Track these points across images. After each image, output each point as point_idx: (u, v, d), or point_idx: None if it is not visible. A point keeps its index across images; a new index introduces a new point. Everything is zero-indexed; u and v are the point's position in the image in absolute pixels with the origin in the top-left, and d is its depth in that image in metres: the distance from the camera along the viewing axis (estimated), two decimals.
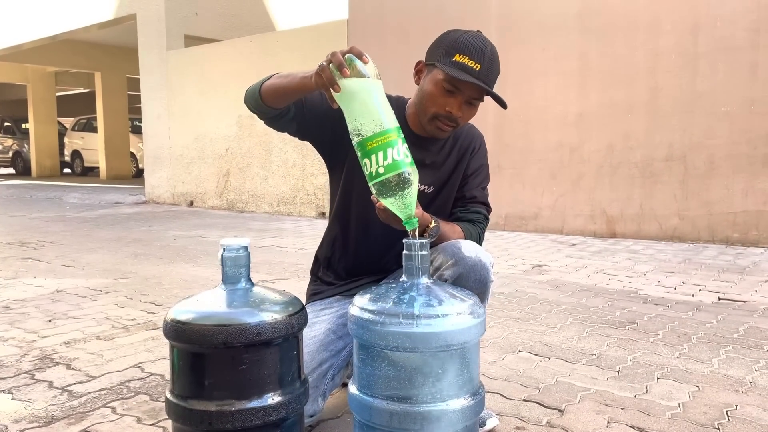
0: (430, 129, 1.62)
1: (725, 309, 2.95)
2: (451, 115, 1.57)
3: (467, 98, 1.56)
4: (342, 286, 1.80)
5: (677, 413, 1.75)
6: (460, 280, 1.48)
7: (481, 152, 1.78)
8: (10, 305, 3.03)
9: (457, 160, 1.74)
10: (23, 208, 8.56)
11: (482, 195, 1.76)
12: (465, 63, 1.52)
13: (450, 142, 1.74)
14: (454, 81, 1.54)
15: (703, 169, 4.96)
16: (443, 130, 1.60)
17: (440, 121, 1.59)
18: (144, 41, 9.32)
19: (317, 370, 1.54)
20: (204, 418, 1.16)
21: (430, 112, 1.59)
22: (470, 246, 1.52)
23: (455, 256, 1.49)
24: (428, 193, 1.70)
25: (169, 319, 1.21)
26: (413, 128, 1.69)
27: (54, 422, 1.69)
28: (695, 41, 4.93)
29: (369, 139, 1.29)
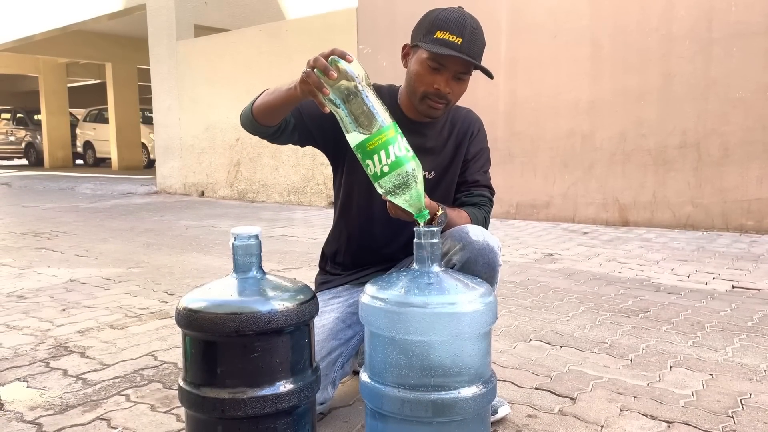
0: (422, 109, 1.62)
1: (739, 297, 2.92)
2: (439, 92, 1.57)
3: (453, 73, 1.56)
4: (350, 275, 1.81)
5: (690, 401, 1.74)
6: (468, 264, 1.48)
7: (480, 136, 1.78)
8: (24, 295, 3.06)
9: (456, 145, 1.74)
10: (36, 198, 8.63)
11: (484, 178, 1.76)
12: (446, 38, 1.52)
13: (448, 127, 1.75)
14: (437, 57, 1.54)
15: (717, 156, 4.90)
16: (435, 108, 1.60)
17: (430, 99, 1.59)
18: (154, 32, 9.33)
19: (327, 358, 1.55)
20: (216, 406, 1.17)
21: (419, 92, 1.59)
22: (477, 230, 1.52)
23: (463, 241, 1.49)
24: (430, 179, 1.70)
25: (181, 307, 1.21)
26: (408, 114, 1.70)
27: (69, 410, 1.70)
28: (709, 26, 4.86)
29: (368, 140, 1.29)
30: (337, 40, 7.13)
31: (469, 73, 1.58)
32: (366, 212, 1.72)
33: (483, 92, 5.96)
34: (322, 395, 1.52)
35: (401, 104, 1.72)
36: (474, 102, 6.75)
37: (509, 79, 5.85)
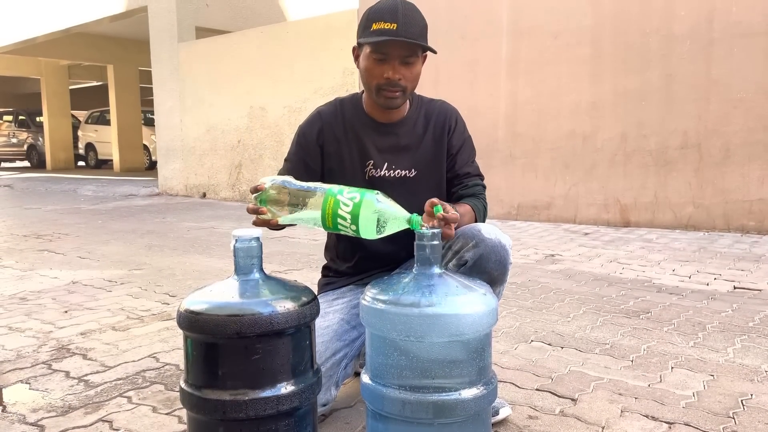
0: (381, 102, 1.64)
1: (740, 298, 2.92)
2: (390, 81, 1.59)
3: (399, 59, 1.58)
4: (354, 276, 1.82)
5: (691, 402, 1.74)
6: (480, 261, 1.51)
7: (459, 128, 1.79)
8: (27, 296, 3.07)
9: (435, 139, 1.75)
10: (39, 200, 8.65)
11: (474, 168, 1.78)
12: (381, 28, 1.55)
13: (422, 121, 1.76)
14: (377, 47, 1.57)
15: (718, 156, 4.90)
16: (392, 97, 1.62)
17: (385, 90, 1.61)
18: (155, 33, 9.34)
19: (331, 359, 1.55)
20: (218, 407, 1.18)
21: (373, 86, 1.62)
22: (490, 228, 1.55)
23: (476, 238, 1.52)
24: (411, 177, 1.73)
25: (182, 309, 1.22)
26: (376, 117, 1.73)
27: (71, 411, 1.71)
28: (710, 27, 4.85)
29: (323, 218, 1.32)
30: (338, 41, 7.15)
31: (414, 55, 1.59)
32: None
33: (484, 94, 5.97)
34: (324, 396, 1.52)
35: (367, 109, 1.75)
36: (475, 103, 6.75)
37: (510, 80, 5.86)
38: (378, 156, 1.72)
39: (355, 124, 1.75)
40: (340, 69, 7.15)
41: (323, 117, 1.77)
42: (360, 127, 1.74)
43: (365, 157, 1.73)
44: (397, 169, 1.73)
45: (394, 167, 1.73)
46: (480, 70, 5.97)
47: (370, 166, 1.72)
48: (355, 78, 7.01)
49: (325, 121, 1.76)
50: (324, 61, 7.33)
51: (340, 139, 1.74)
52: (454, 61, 6.03)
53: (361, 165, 1.72)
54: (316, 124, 1.76)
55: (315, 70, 7.41)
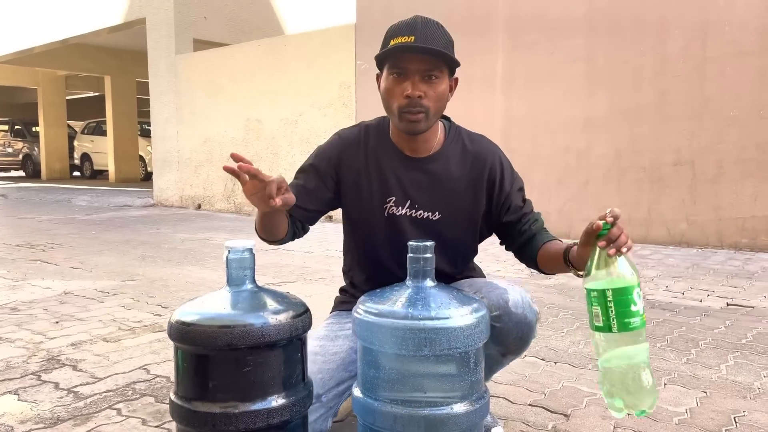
0: (404, 127, 1.50)
1: (733, 314, 2.93)
2: (411, 100, 1.45)
3: (419, 74, 1.45)
4: None
5: (684, 419, 1.73)
6: (500, 334, 1.42)
7: (506, 176, 1.61)
8: (18, 307, 3.05)
9: (470, 183, 1.58)
10: (33, 210, 8.62)
11: (529, 205, 1.64)
12: (399, 42, 1.44)
13: (457, 159, 1.59)
14: (395, 62, 1.46)
15: (711, 174, 4.93)
16: (414, 120, 1.47)
17: (406, 112, 1.47)
18: (153, 45, 9.38)
19: (334, 389, 1.48)
20: (208, 420, 1.16)
21: (395, 109, 1.49)
22: (518, 297, 1.45)
23: (501, 309, 1.42)
24: (434, 220, 1.58)
25: (173, 320, 1.21)
26: (402, 149, 1.59)
27: (59, 423, 1.69)
28: (704, 45, 4.90)
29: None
30: (336, 55, 7.18)
31: (437, 69, 1.47)
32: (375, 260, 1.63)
33: (479, 109, 6.00)
34: (320, 425, 1.45)
35: (393, 138, 1.60)
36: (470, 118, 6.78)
37: (505, 95, 5.89)
38: (400, 193, 1.57)
39: (378, 153, 1.59)
40: (337, 82, 7.18)
41: (344, 142, 1.63)
42: (384, 158, 1.59)
43: (386, 193, 1.58)
44: (419, 210, 1.58)
45: (417, 207, 1.58)
46: (475, 86, 6.00)
47: (391, 203, 1.58)
48: (351, 91, 7.04)
49: (345, 146, 1.62)
50: (321, 74, 7.37)
51: (359, 168, 1.59)
52: None
53: (381, 200, 1.58)
54: (337, 149, 1.62)
55: (312, 84, 7.44)
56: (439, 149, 1.59)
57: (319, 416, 1.44)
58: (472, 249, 1.69)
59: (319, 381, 1.44)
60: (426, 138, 1.57)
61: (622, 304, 1.25)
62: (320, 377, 1.45)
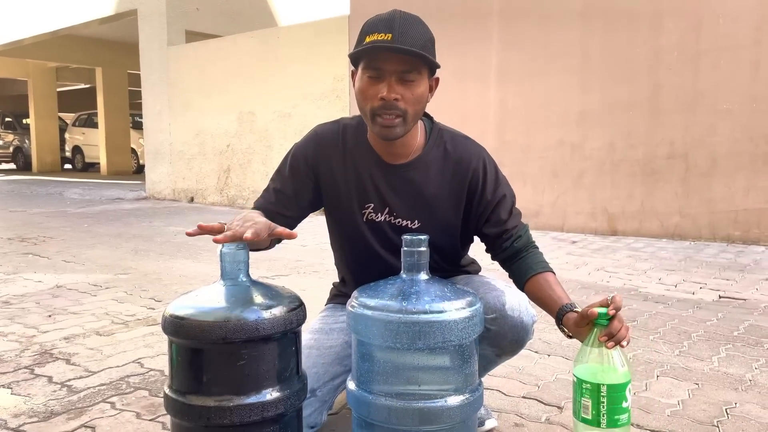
0: (379, 131, 1.39)
1: (726, 307, 2.94)
2: (386, 102, 1.35)
3: (395, 75, 1.35)
4: None
5: (677, 411, 1.75)
6: (496, 337, 1.41)
7: (489, 180, 1.52)
8: (10, 300, 3.03)
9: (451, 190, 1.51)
10: (24, 203, 8.56)
11: (516, 215, 1.57)
12: (374, 39, 1.32)
13: (438, 165, 1.50)
14: (370, 61, 1.36)
15: (704, 167, 4.95)
16: (390, 125, 1.37)
17: (380, 116, 1.37)
18: (145, 37, 9.31)
19: (329, 383, 1.47)
20: (202, 414, 1.16)
21: (368, 112, 1.39)
22: (515, 300, 1.42)
23: (497, 312, 1.40)
24: (413, 229, 1.51)
25: (167, 314, 1.20)
26: (381, 154, 1.50)
27: (53, 417, 1.69)
28: (697, 38, 4.91)
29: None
30: (329, 47, 7.15)
31: (414, 71, 1.36)
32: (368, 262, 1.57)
33: (473, 102, 5.99)
34: (314, 419, 1.45)
35: (371, 142, 1.51)
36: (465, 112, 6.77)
37: (500, 88, 5.89)
38: (377, 200, 1.51)
39: (356, 157, 1.51)
40: (331, 75, 7.16)
41: (322, 141, 1.54)
42: (361, 163, 1.51)
43: (364, 199, 1.51)
44: (398, 218, 1.51)
45: (396, 215, 1.51)
46: (469, 78, 5.99)
47: (370, 209, 1.52)
48: (345, 84, 7.02)
49: (323, 145, 1.54)
50: (314, 66, 7.34)
51: (337, 170, 1.52)
52: (444, 69, 6.00)
53: (359, 206, 1.52)
54: (313, 147, 1.54)
55: (305, 76, 7.42)
56: (418, 155, 1.50)
57: (314, 410, 1.44)
58: (458, 253, 1.64)
59: (314, 375, 1.44)
60: (404, 142, 1.47)
61: (615, 400, 1.26)
62: (315, 371, 1.45)
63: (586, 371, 1.31)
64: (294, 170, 1.54)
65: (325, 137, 1.54)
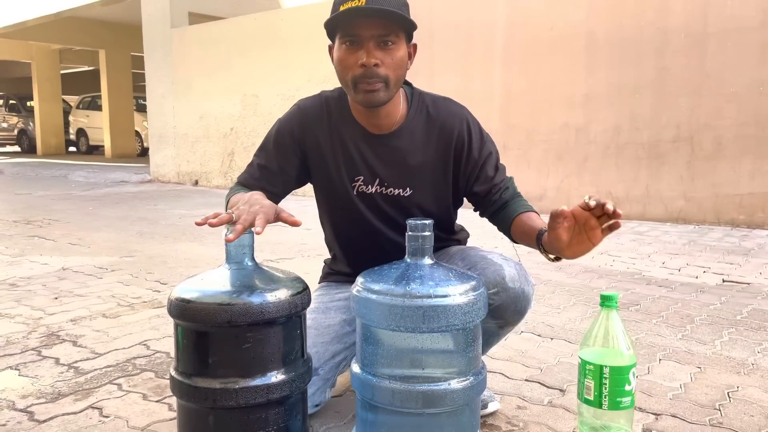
0: (360, 99, 1.40)
1: (729, 291, 2.95)
2: (366, 69, 1.35)
3: (373, 40, 1.35)
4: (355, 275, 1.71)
5: (678, 394, 1.76)
6: (498, 310, 1.42)
7: (474, 140, 1.53)
8: (16, 283, 3.06)
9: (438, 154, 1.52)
10: (29, 186, 8.58)
11: (501, 171, 1.57)
12: (348, 6, 1.32)
13: (422, 130, 1.51)
14: (346, 28, 1.36)
15: (710, 150, 4.92)
16: (372, 89, 1.37)
17: (361, 83, 1.37)
18: (148, 19, 9.26)
19: (330, 362, 1.49)
20: (208, 396, 1.17)
21: (349, 81, 1.39)
22: (514, 272, 1.44)
23: (498, 286, 1.41)
24: (406, 196, 1.52)
25: (173, 297, 1.21)
26: (365, 126, 1.51)
27: (60, 398, 1.71)
28: (704, 21, 4.86)
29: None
30: None
31: (392, 34, 1.36)
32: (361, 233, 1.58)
33: (478, 84, 5.96)
34: (318, 397, 1.47)
35: (354, 114, 1.51)
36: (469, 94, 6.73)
37: (504, 71, 5.85)
38: (367, 171, 1.52)
39: (341, 129, 1.52)
40: None
41: (307, 115, 1.54)
42: (347, 135, 1.52)
43: (353, 171, 1.52)
44: (390, 187, 1.52)
45: (387, 185, 1.52)
46: (474, 61, 5.95)
47: (360, 181, 1.53)
48: None
49: (308, 120, 1.54)
50: (318, 49, 7.27)
51: (324, 144, 1.53)
52: (449, 51, 6.00)
53: (349, 179, 1.53)
54: (299, 122, 1.54)
55: (309, 58, 7.38)
56: (402, 123, 1.51)
57: (317, 389, 1.46)
58: (450, 218, 1.65)
59: (315, 354, 1.45)
60: (388, 112, 1.48)
61: (618, 382, 1.27)
62: (315, 351, 1.47)
63: (591, 353, 1.33)
64: (279, 146, 1.54)
65: (309, 111, 1.54)
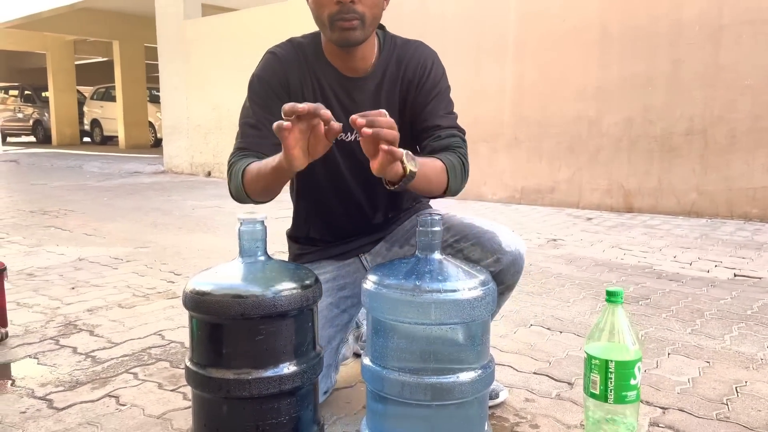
0: (337, 37, 1.39)
1: (740, 285, 2.94)
2: (343, 5, 1.35)
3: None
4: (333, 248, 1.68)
5: (686, 388, 1.77)
6: (500, 275, 1.45)
7: (434, 73, 1.52)
8: (34, 273, 3.11)
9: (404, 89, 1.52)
10: (44, 176, 8.68)
11: (450, 120, 1.52)
12: None
13: (392, 72, 1.51)
14: None
15: (723, 143, 4.89)
16: (349, 27, 1.37)
17: (338, 20, 1.36)
18: (161, 10, 9.30)
19: (327, 347, 1.53)
20: (222, 386, 1.21)
21: (326, 19, 1.38)
22: (507, 236, 1.48)
23: (497, 253, 1.46)
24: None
25: (188, 290, 1.24)
26: (339, 68, 1.49)
27: (78, 386, 1.75)
28: (719, 13, 4.81)
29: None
30: None
31: None
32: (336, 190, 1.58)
33: (490, 76, 5.95)
34: (325, 384, 1.51)
35: (329, 57, 1.50)
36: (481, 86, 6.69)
37: (517, 62, 5.83)
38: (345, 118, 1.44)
39: (318, 74, 1.50)
40: None
41: (284, 61, 1.51)
42: (323, 80, 1.50)
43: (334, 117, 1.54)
44: None
45: None
46: (487, 53, 5.94)
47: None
48: None
49: (286, 64, 1.50)
50: None
51: (305, 89, 1.50)
52: (461, 43, 5.99)
53: None
54: (278, 68, 1.50)
55: None
56: (376, 64, 1.51)
57: (323, 376, 1.49)
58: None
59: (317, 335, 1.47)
60: (363, 54, 1.48)
61: (623, 377, 1.29)
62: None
63: (597, 348, 1.35)
64: (267, 95, 1.50)
65: (285, 56, 1.51)
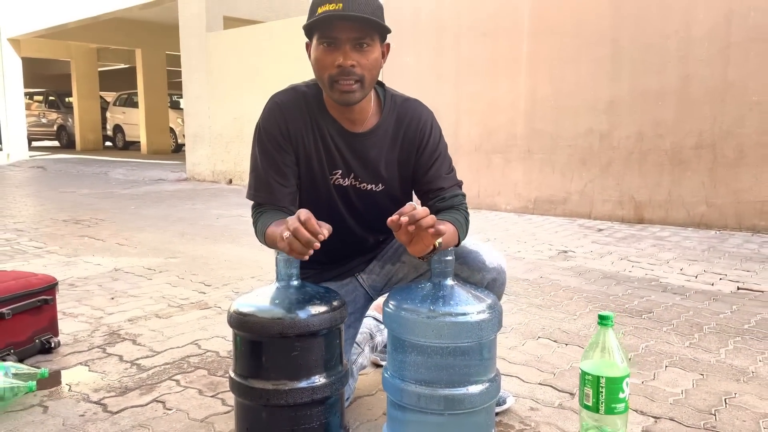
0: (338, 98, 1.50)
1: (742, 299, 3.07)
2: (343, 68, 1.45)
3: (350, 43, 1.46)
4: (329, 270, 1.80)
5: (679, 399, 1.92)
6: (486, 288, 1.63)
7: (432, 141, 1.65)
8: (75, 283, 3.34)
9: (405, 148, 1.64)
10: (72, 183, 8.98)
11: (450, 179, 1.67)
12: (326, 9, 1.43)
13: (392, 129, 1.63)
14: (323, 30, 1.46)
15: (732, 157, 5.01)
16: (348, 89, 1.48)
17: (338, 83, 1.47)
18: (184, 23, 9.57)
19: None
20: (262, 395, 1.40)
21: (326, 80, 1.49)
22: (490, 255, 1.64)
23: (482, 271, 1.62)
24: (378, 191, 1.66)
25: (233, 311, 1.44)
26: (343, 124, 1.61)
27: (128, 392, 1.95)
28: (728, 30, 4.94)
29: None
30: None
31: (368, 37, 1.47)
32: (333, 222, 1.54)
33: (504, 90, 6.11)
34: (346, 392, 1.68)
35: (331, 111, 1.62)
36: (495, 99, 6.85)
37: (530, 77, 5.99)
38: (343, 166, 1.64)
39: (320, 124, 1.62)
40: None
41: (288, 110, 1.62)
42: (326, 130, 1.62)
43: (332, 165, 1.63)
44: (363, 183, 1.66)
45: (360, 179, 1.65)
46: (501, 67, 6.10)
47: (338, 174, 1.65)
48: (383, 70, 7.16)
49: (289, 114, 1.61)
50: None
51: (307, 138, 1.62)
52: (476, 57, 6.17)
53: (329, 171, 1.64)
54: (282, 118, 1.61)
55: None
56: (377, 122, 1.63)
57: None
58: None
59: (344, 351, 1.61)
60: (362, 108, 1.59)
61: (613, 391, 1.49)
62: None
63: (590, 365, 1.52)
64: (276, 146, 1.61)
65: (289, 106, 1.62)
